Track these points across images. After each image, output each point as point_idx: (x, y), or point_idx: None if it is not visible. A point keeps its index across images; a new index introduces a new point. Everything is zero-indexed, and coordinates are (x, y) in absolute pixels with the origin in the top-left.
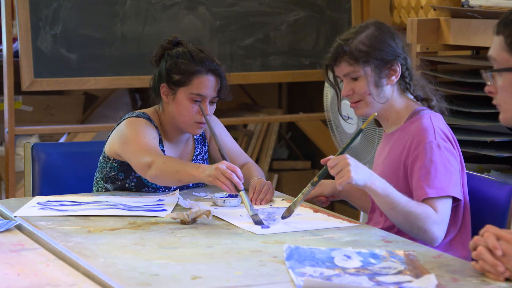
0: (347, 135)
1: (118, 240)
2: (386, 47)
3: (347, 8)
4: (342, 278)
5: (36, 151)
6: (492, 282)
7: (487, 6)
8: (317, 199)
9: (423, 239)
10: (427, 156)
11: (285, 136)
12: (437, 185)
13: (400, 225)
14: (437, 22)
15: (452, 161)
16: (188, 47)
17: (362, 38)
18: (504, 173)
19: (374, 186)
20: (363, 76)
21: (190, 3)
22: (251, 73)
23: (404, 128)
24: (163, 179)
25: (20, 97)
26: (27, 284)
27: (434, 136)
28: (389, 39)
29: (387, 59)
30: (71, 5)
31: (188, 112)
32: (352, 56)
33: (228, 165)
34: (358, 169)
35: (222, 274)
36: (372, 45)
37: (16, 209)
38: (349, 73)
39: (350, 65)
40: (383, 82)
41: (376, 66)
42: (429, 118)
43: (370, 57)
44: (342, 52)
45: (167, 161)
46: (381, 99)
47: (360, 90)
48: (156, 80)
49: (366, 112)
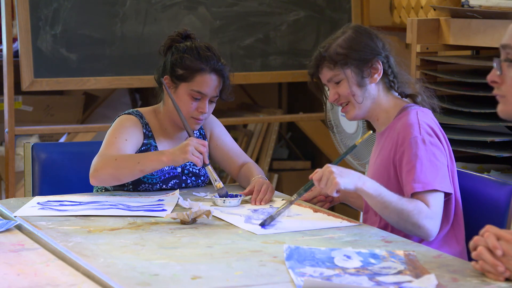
0: (347, 135)
1: (118, 240)
2: (364, 47)
3: (347, 8)
4: (342, 278)
5: (36, 151)
6: (492, 282)
7: (487, 6)
8: (317, 199)
9: (418, 235)
10: (412, 151)
11: (285, 136)
12: (423, 179)
13: (394, 223)
14: (437, 22)
15: (438, 155)
16: (196, 43)
17: (339, 42)
18: (504, 173)
19: (365, 188)
20: (345, 79)
21: (190, 3)
22: (251, 73)
23: (393, 126)
24: (120, 174)
25: (20, 97)
26: (27, 284)
27: (419, 131)
28: (367, 39)
29: (366, 58)
30: (71, 5)
31: (186, 107)
32: (331, 61)
33: (198, 140)
34: (343, 173)
35: (222, 274)
36: (350, 46)
37: (16, 209)
38: (332, 77)
39: (331, 69)
40: (365, 82)
41: (356, 67)
42: (415, 114)
43: (349, 59)
44: (322, 58)
45: (119, 157)
46: (366, 99)
47: (344, 92)
48: (161, 71)
49: (355, 114)
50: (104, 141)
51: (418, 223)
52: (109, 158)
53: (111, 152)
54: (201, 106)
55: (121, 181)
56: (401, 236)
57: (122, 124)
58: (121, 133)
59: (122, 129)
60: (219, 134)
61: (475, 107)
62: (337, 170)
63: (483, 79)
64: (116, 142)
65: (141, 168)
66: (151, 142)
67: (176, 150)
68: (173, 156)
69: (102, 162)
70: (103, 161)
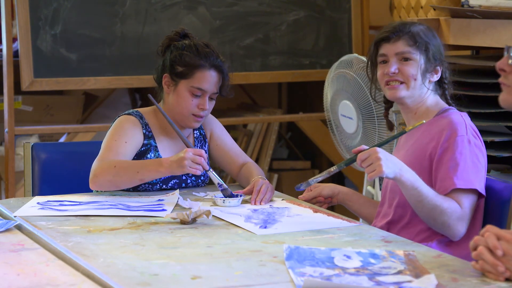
0: (347, 135)
1: (118, 240)
2: (438, 48)
3: (347, 8)
4: (342, 278)
5: (36, 151)
6: (492, 282)
7: (487, 6)
8: (316, 200)
9: (445, 233)
10: (457, 149)
11: (285, 136)
12: (465, 177)
13: (424, 217)
14: (437, 22)
15: (480, 158)
16: (194, 41)
17: (423, 29)
18: (504, 173)
19: (403, 178)
20: (416, 61)
21: (190, 3)
22: (251, 73)
23: (434, 122)
24: (119, 181)
25: (20, 97)
26: (27, 284)
27: (465, 131)
28: (441, 44)
29: (436, 57)
30: (71, 5)
31: (186, 104)
32: (413, 39)
33: (194, 151)
34: (389, 162)
35: (222, 274)
36: (430, 40)
37: (16, 209)
38: (404, 52)
39: (408, 45)
40: (427, 75)
41: (427, 59)
42: (460, 115)
43: (428, 48)
44: (404, 31)
45: (119, 164)
46: (419, 90)
47: (408, 71)
48: (160, 70)
49: (403, 95)
50: (103, 143)
51: (448, 222)
52: (108, 164)
53: (110, 156)
54: (201, 103)
55: (119, 187)
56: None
57: (121, 125)
58: (120, 135)
59: (121, 131)
60: (219, 134)
61: (475, 107)
62: (384, 156)
63: (483, 79)
64: (116, 145)
65: (141, 178)
66: (151, 142)
67: (173, 163)
68: (171, 169)
69: (101, 168)
70: (102, 167)
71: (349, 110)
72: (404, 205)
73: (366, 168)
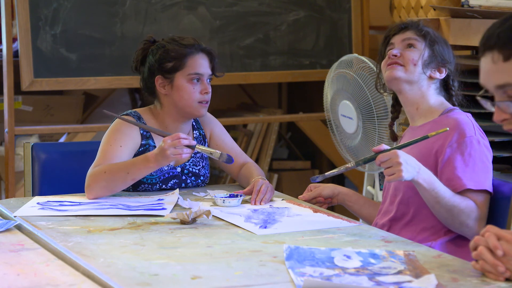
0: (346, 135)
1: (118, 240)
2: (448, 53)
3: (347, 8)
4: (342, 278)
5: (36, 151)
6: (492, 282)
7: (487, 6)
8: (316, 200)
9: (462, 233)
10: (467, 149)
11: (285, 136)
12: (475, 178)
13: (442, 218)
14: (437, 22)
15: (489, 158)
16: (167, 39)
17: (436, 32)
18: (504, 173)
19: (420, 180)
20: (419, 49)
21: (190, 3)
22: (251, 73)
23: (439, 121)
24: (113, 186)
25: (20, 97)
26: (27, 284)
27: (474, 131)
28: (446, 45)
29: (442, 58)
30: (71, 5)
31: (189, 93)
32: (420, 32)
33: (171, 137)
34: (409, 166)
35: (222, 274)
36: (439, 41)
37: (16, 209)
38: (410, 38)
39: (415, 34)
40: (429, 68)
41: (432, 53)
42: (467, 116)
43: (434, 44)
44: (414, 24)
45: (109, 169)
46: (418, 80)
47: (410, 56)
48: (146, 77)
49: (399, 76)
50: (99, 148)
51: (466, 222)
52: (99, 172)
53: (105, 162)
54: (203, 88)
55: (115, 191)
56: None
57: (117, 128)
58: (115, 140)
59: (117, 135)
60: (219, 134)
61: (475, 107)
62: (404, 160)
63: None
64: (111, 150)
65: (132, 177)
66: (149, 142)
67: (157, 156)
68: (158, 162)
69: (93, 177)
70: (94, 176)
71: (349, 110)
72: (407, 202)
73: (385, 170)
